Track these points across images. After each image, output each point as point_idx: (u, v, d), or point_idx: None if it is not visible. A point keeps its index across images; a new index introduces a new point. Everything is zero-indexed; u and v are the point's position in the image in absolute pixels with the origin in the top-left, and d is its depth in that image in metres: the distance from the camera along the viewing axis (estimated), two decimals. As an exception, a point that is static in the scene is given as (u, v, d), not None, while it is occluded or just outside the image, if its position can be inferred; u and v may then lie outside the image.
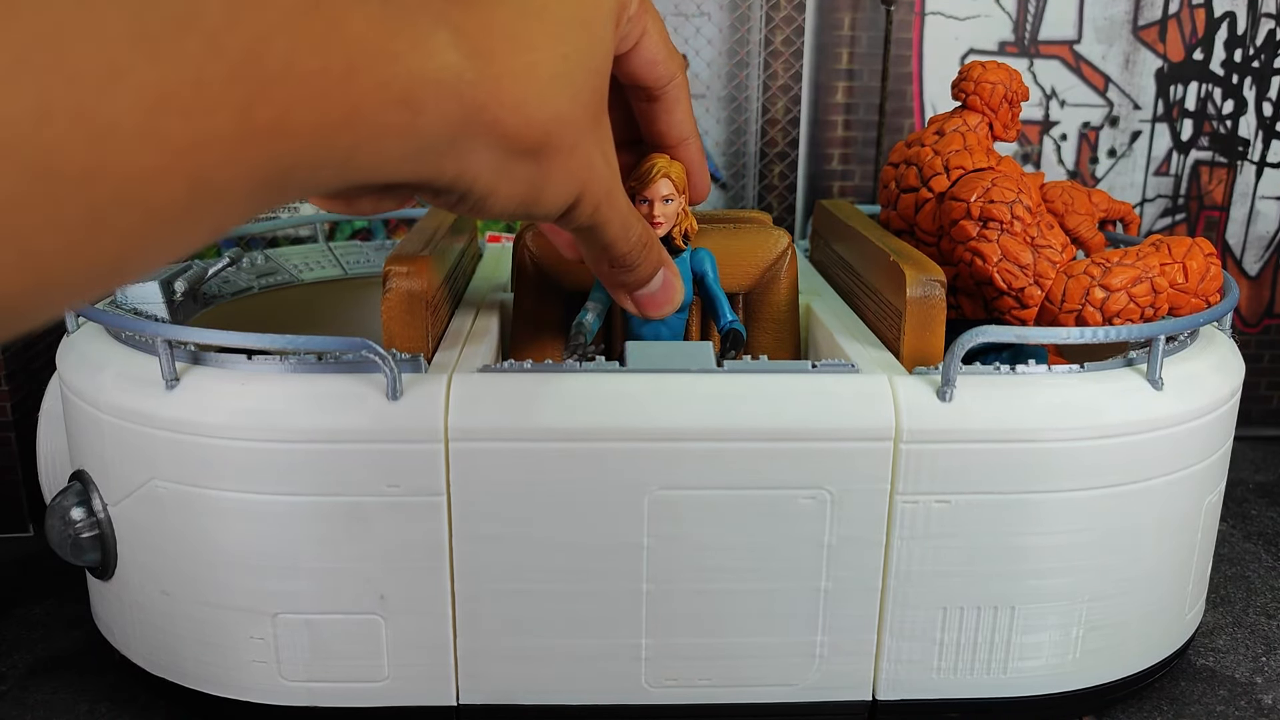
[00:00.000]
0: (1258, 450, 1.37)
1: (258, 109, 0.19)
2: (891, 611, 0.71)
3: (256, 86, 0.19)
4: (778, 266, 0.84)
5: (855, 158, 1.34)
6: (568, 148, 0.30)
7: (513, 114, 0.27)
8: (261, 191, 0.20)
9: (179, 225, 0.18)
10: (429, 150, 0.25)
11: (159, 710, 0.81)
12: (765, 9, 1.28)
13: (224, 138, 0.18)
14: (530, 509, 0.68)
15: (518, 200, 0.30)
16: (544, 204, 0.31)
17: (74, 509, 0.74)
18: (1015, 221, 0.78)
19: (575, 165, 0.31)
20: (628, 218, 0.37)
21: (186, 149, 0.18)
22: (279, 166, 0.20)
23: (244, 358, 0.69)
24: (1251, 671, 0.87)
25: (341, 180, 0.23)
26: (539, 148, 0.29)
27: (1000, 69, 0.89)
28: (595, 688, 0.73)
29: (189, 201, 0.18)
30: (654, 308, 0.45)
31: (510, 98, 0.26)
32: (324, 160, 0.21)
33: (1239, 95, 1.33)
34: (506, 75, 0.26)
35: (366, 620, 0.70)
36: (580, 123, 0.30)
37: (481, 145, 0.27)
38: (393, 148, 0.23)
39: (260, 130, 0.19)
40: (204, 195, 0.18)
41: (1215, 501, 0.79)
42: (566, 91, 0.29)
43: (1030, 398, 0.69)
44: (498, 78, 0.26)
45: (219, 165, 0.18)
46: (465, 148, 0.26)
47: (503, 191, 0.29)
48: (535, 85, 0.27)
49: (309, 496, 0.67)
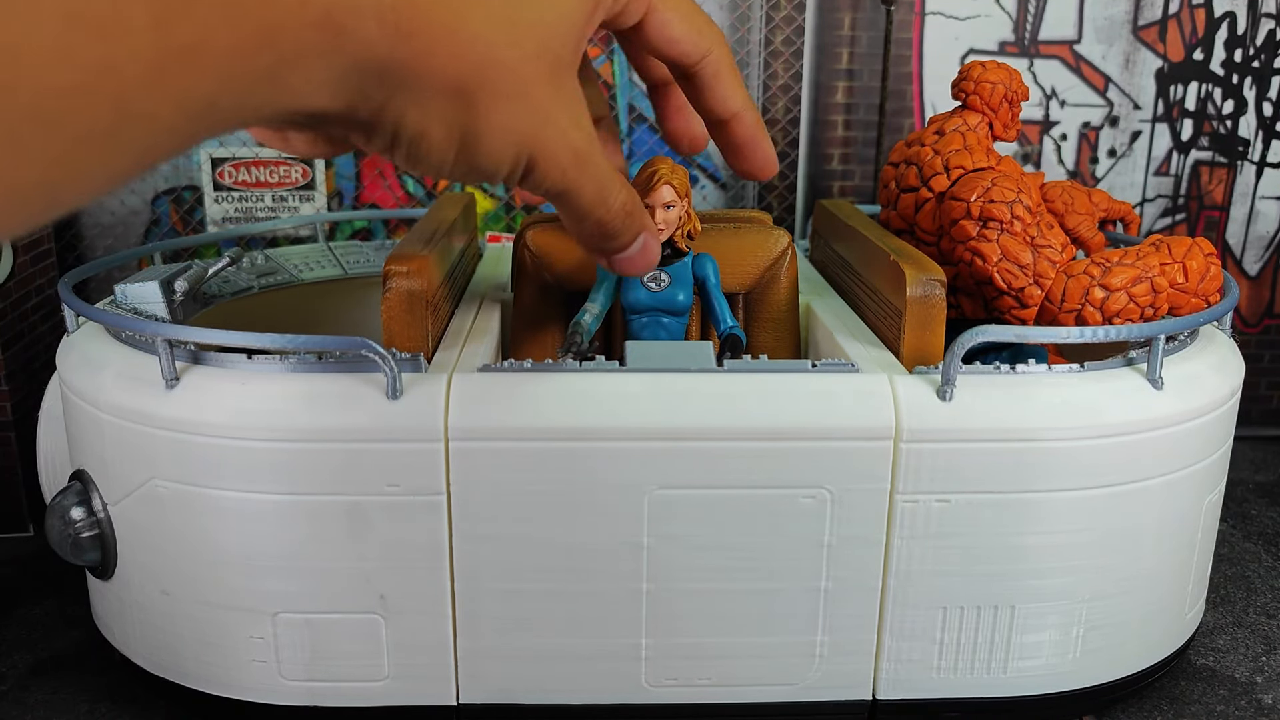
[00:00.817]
0: (1258, 450, 1.37)
1: (175, 29, 0.19)
2: (891, 611, 0.71)
3: (174, 5, 0.19)
4: (778, 266, 0.84)
5: (855, 158, 1.34)
6: (505, 95, 0.29)
7: (438, 45, 0.26)
8: (188, 119, 0.20)
9: (105, 150, 0.19)
10: (354, 76, 0.25)
11: (159, 710, 0.81)
12: (765, 9, 1.28)
13: (142, 58, 0.18)
14: (530, 509, 0.68)
15: (452, 148, 0.29)
16: (482, 157, 0.30)
17: (74, 509, 0.74)
18: (1015, 221, 0.78)
19: (518, 118, 0.30)
20: (605, 184, 0.37)
21: (104, 69, 0.18)
22: (203, 91, 0.20)
23: (244, 357, 0.69)
24: (1251, 671, 0.87)
25: (270, 107, 0.23)
26: (468, 89, 0.28)
27: (1000, 69, 0.89)
28: (595, 687, 0.73)
29: (113, 125, 0.18)
30: (630, 268, 0.44)
31: (436, 28, 0.26)
32: (247, 84, 0.21)
33: (1239, 95, 1.33)
34: (437, 5, 0.26)
35: (366, 620, 0.70)
36: (522, 71, 0.29)
37: (409, 77, 0.26)
38: (316, 71, 0.23)
39: (179, 50, 0.19)
40: (128, 119, 0.19)
41: (1215, 501, 0.79)
42: (505, 34, 0.28)
43: (1030, 397, 0.69)
44: (424, 6, 0.25)
45: (140, 88, 0.19)
46: (392, 80, 0.26)
47: (433, 134, 0.28)
48: (466, 21, 0.27)
49: (309, 496, 0.67)
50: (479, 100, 0.28)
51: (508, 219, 1.37)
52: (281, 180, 1.29)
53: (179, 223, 1.31)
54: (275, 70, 0.22)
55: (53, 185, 0.18)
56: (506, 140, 0.30)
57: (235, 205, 1.30)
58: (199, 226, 1.31)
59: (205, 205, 1.29)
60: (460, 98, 0.28)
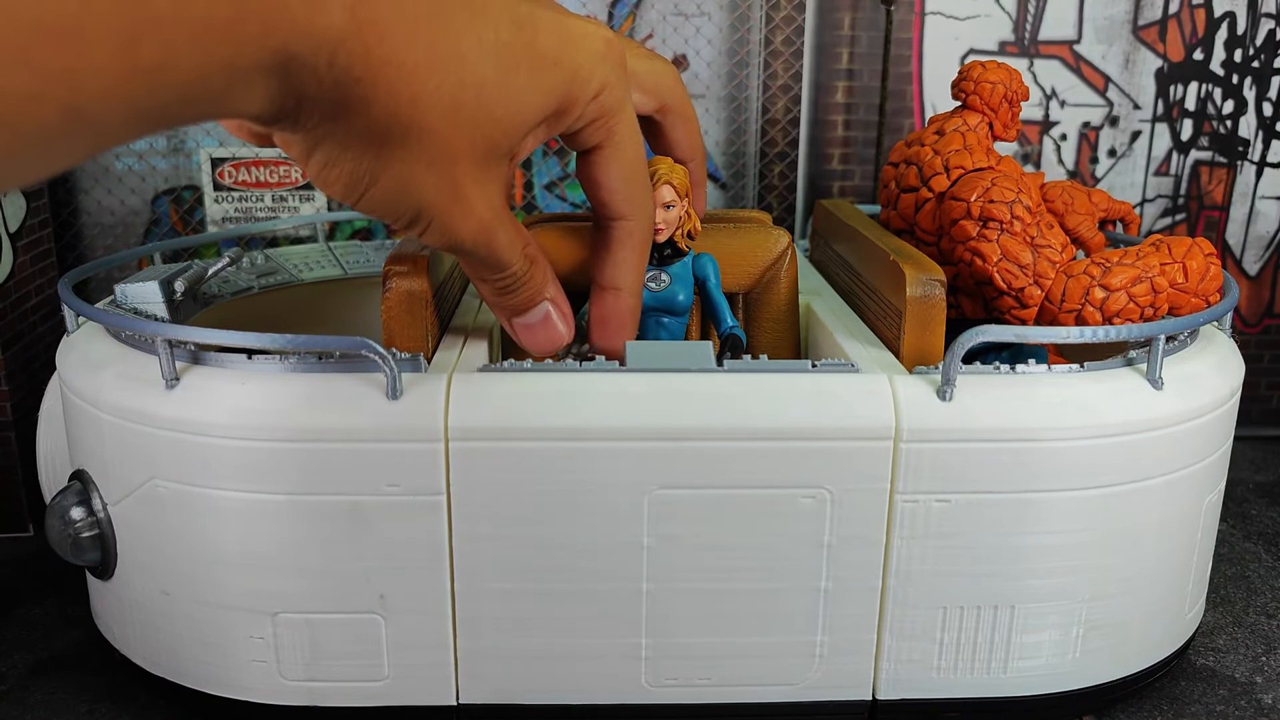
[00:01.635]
0: (1258, 450, 1.37)
1: (142, 48, 0.19)
2: (891, 611, 0.72)
3: (143, 25, 0.19)
4: (778, 266, 0.84)
5: (855, 158, 1.34)
6: (420, 160, 0.29)
7: (377, 100, 0.27)
8: (137, 122, 0.21)
9: (49, 149, 0.19)
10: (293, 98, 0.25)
11: (159, 710, 0.81)
12: (765, 9, 1.28)
13: (103, 71, 0.18)
14: (530, 509, 0.68)
15: (354, 184, 0.30)
16: (375, 203, 0.31)
17: (74, 509, 0.74)
18: (1015, 221, 0.78)
19: (424, 184, 0.30)
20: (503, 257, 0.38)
21: (62, 78, 0.18)
22: (156, 101, 0.21)
23: (244, 357, 0.69)
24: (1251, 671, 0.87)
25: (210, 115, 0.24)
26: (388, 143, 0.28)
27: (1000, 69, 0.89)
28: (595, 687, 0.73)
29: (62, 129, 0.19)
30: (528, 339, 0.47)
31: (381, 84, 0.26)
32: (199, 98, 0.22)
33: (1239, 95, 1.33)
34: (390, 63, 0.26)
35: (366, 620, 0.70)
36: (449, 147, 0.30)
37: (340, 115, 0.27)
38: (261, 88, 0.24)
39: (144, 69, 0.19)
40: (78, 124, 0.19)
41: (1215, 501, 0.79)
42: (445, 108, 0.28)
43: (1030, 397, 0.69)
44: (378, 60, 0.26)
45: (97, 99, 0.19)
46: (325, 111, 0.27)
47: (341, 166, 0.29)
48: (413, 85, 0.27)
49: (309, 496, 0.67)
50: (394, 157, 0.29)
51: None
52: (281, 180, 1.30)
53: (179, 223, 1.31)
54: (229, 88, 0.23)
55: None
56: (404, 198, 0.31)
57: (235, 205, 1.30)
58: (199, 226, 1.31)
59: (205, 205, 1.29)
60: (377, 147, 0.28)
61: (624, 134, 0.36)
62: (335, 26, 0.24)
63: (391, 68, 0.27)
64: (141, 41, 0.19)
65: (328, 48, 0.24)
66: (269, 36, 0.22)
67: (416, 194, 0.31)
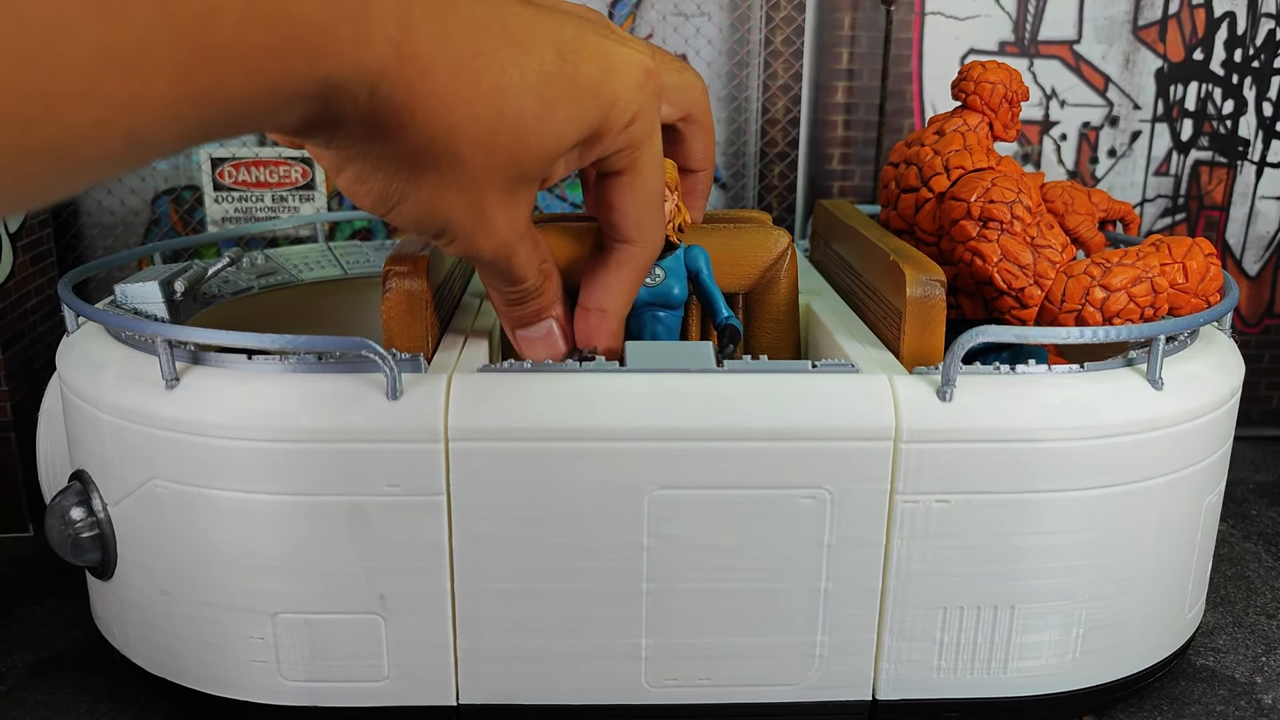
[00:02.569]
0: (1258, 450, 1.37)
1: (197, 75, 0.20)
2: (891, 611, 0.72)
3: (201, 55, 0.20)
4: (778, 266, 0.84)
5: (855, 158, 1.34)
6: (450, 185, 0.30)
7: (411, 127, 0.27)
8: (181, 141, 0.21)
9: (102, 170, 0.20)
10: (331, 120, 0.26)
11: (159, 710, 0.81)
12: (765, 9, 1.28)
13: (160, 97, 0.19)
14: (530, 509, 0.68)
15: (383, 202, 0.31)
16: (403, 220, 0.31)
17: (74, 509, 0.74)
18: (1015, 221, 0.78)
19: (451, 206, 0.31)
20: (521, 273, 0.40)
21: (126, 105, 0.18)
22: (202, 121, 0.21)
23: (244, 358, 0.69)
24: (1251, 671, 0.87)
25: (247, 131, 0.25)
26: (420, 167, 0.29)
27: (1000, 69, 0.89)
28: (595, 688, 0.73)
29: (119, 154, 0.19)
30: (529, 350, 0.49)
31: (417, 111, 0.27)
32: (240, 118, 0.23)
33: (1239, 95, 1.33)
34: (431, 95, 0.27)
35: (366, 620, 0.70)
36: (479, 176, 0.30)
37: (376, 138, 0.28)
38: (300, 111, 0.25)
39: (197, 95, 0.20)
40: (135, 148, 0.20)
41: (1215, 501, 0.79)
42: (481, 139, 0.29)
43: (1030, 398, 0.69)
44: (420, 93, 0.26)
45: (152, 123, 0.19)
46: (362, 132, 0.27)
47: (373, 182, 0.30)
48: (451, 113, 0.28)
49: (309, 496, 0.67)
50: (425, 180, 0.29)
51: (508, 219, 1.36)
52: (281, 180, 1.30)
53: (179, 223, 1.31)
54: (271, 111, 0.24)
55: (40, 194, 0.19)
56: (431, 216, 0.32)
57: (235, 205, 1.30)
58: (199, 226, 1.31)
59: (205, 205, 1.29)
60: (409, 169, 0.29)
61: (647, 162, 0.36)
62: (381, 59, 0.24)
63: (431, 99, 0.27)
64: (198, 70, 0.20)
65: (371, 79, 0.25)
66: (316, 67, 0.23)
67: (444, 214, 0.32)
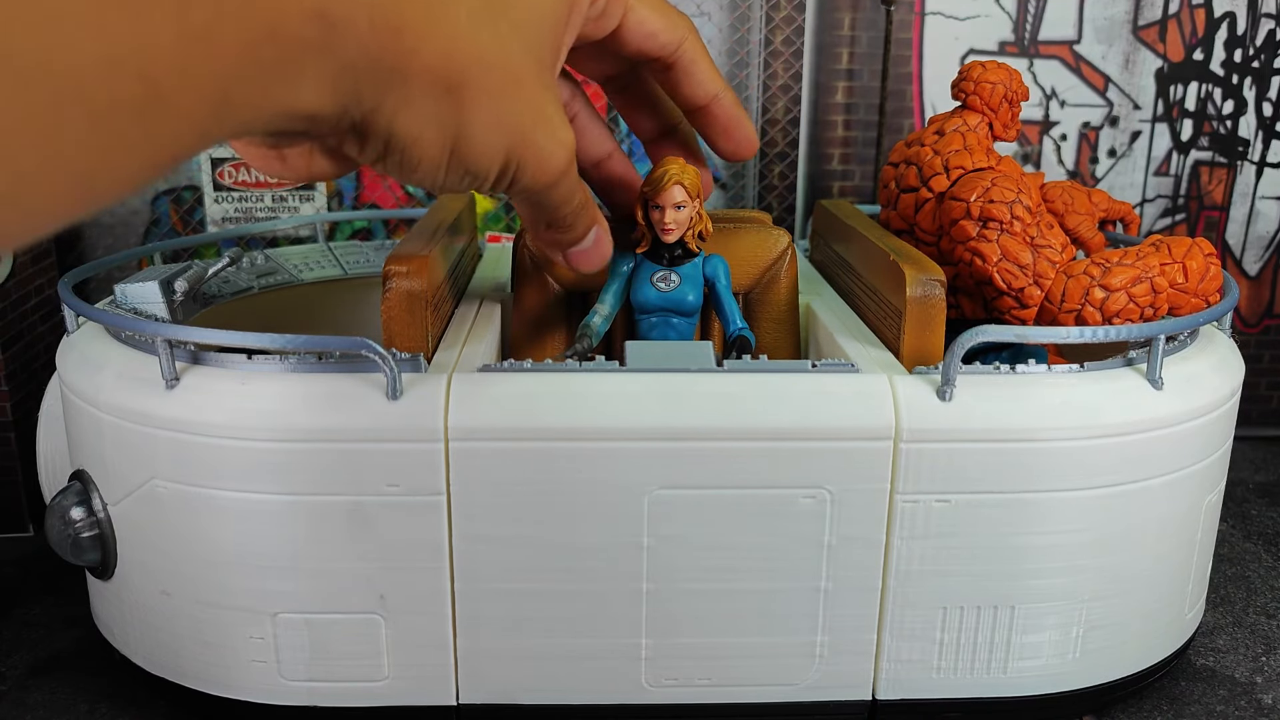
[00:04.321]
0: (1258, 450, 1.37)
1: (193, 11, 0.20)
2: (891, 611, 0.71)
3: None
4: (778, 266, 0.84)
5: (855, 158, 1.34)
6: (494, 92, 0.29)
7: (425, 43, 0.27)
8: (206, 108, 0.21)
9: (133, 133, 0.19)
10: (348, 76, 0.25)
11: (159, 710, 0.81)
12: (765, 9, 1.28)
13: (165, 36, 0.19)
14: (530, 509, 0.68)
15: (445, 150, 0.29)
16: (475, 157, 0.30)
17: (74, 509, 0.74)
18: (1015, 221, 0.78)
19: (509, 114, 0.30)
20: (576, 181, 0.37)
21: (133, 43, 0.18)
22: (217, 78, 0.21)
23: (244, 357, 0.69)
24: (1251, 671, 0.87)
25: (273, 105, 0.24)
26: (457, 86, 0.28)
27: (1000, 69, 0.89)
28: (595, 688, 0.73)
29: (141, 103, 0.19)
30: (584, 262, 0.45)
31: (422, 26, 0.26)
32: (255, 77, 0.22)
33: (1239, 95, 1.33)
34: (420, 4, 0.26)
35: (366, 620, 0.70)
36: (511, 68, 0.30)
37: (398, 77, 0.27)
38: (312, 68, 0.24)
39: (195, 33, 0.20)
40: (153, 101, 0.19)
41: (1215, 501, 0.79)
42: (489, 33, 0.29)
43: (1030, 398, 0.69)
44: (410, 6, 0.26)
45: (164, 68, 0.19)
46: (383, 80, 0.26)
47: (427, 137, 0.29)
48: (451, 20, 0.27)
49: (309, 496, 0.67)
50: (468, 98, 0.29)
51: (507, 219, 1.37)
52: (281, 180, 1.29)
53: (179, 223, 1.31)
54: (278, 65, 0.23)
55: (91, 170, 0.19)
56: (499, 138, 0.30)
57: (235, 205, 1.30)
58: (199, 226, 1.31)
59: (205, 205, 1.29)
60: (450, 96, 0.28)
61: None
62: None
63: (422, 9, 0.27)
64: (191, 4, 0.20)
65: (363, 4, 0.25)
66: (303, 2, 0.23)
67: (507, 131, 0.31)
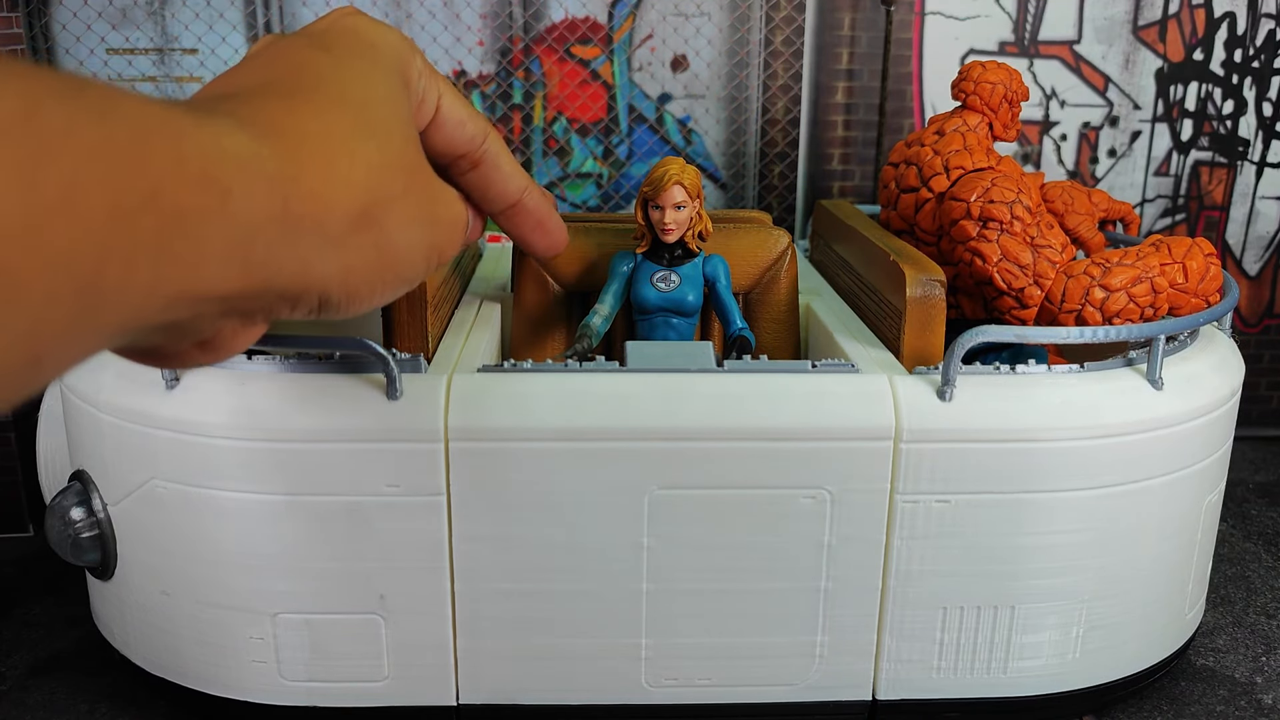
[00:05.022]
0: (1258, 450, 1.37)
1: (44, 179, 0.17)
2: (891, 611, 0.71)
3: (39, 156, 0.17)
4: (778, 266, 0.84)
5: (855, 158, 1.34)
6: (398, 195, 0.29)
7: (326, 182, 0.25)
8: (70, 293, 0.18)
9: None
10: (253, 243, 0.22)
11: (159, 710, 0.81)
12: (765, 9, 1.28)
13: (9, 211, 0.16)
14: (530, 509, 0.68)
15: (381, 271, 0.28)
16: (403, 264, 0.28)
17: (74, 509, 0.74)
18: (1015, 221, 0.78)
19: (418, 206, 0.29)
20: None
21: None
22: (85, 256, 0.17)
23: (244, 358, 0.69)
24: (1251, 671, 0.87)
25: (170, 287, 0.20)
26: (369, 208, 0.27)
27: (1000, 69, 0.89)
28: (595, 688, 0.73)
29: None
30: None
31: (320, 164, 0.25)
32: (136, 254, 0.19)
33: (1239, 95, 1.33)
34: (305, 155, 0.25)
35: (366, 620, 0.70)
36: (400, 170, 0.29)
37: (313, 225, 0.24)
38: (210, 238, 0.21)
39: (49, 206, 0.17)
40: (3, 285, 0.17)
41: (1215, 501, 0.79)
42: (370, 146, 0.28)
43: (1030, 398, 0.69)
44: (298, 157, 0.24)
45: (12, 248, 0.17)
46: (296, 235, 0.24)
47: (361, 270, 0.27)
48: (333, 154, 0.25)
49: (309, 496, 0.67)
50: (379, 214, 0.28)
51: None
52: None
53: (179, 223, 1.31)
54: (161, 237, 0.19)
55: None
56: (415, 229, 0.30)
57: (235, 205, 1.30)
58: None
59: (205, 205, 1.29)
60: (366, 219, 0.27)
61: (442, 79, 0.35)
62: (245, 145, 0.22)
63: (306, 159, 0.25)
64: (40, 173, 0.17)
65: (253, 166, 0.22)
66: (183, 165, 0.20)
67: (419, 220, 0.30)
